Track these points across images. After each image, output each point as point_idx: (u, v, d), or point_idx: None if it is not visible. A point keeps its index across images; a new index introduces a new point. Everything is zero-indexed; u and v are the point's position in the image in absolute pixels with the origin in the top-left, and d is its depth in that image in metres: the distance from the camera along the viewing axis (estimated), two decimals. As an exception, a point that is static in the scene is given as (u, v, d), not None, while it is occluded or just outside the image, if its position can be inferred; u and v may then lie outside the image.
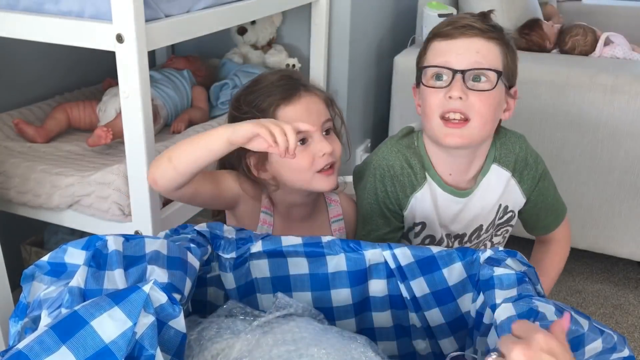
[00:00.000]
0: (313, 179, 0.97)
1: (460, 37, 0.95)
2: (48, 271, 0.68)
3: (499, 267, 0.72)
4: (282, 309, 0.75)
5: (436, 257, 0.78)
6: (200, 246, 0.74)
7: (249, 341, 0.68)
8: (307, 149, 0.96)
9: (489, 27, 0.96)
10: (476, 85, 0.94)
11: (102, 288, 0.62)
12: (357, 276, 0.80)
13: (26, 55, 1.60)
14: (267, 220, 1.05)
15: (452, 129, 0.95)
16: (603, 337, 0.65)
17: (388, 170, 1.04)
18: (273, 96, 0.97)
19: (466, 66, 0.93)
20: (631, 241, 1.82)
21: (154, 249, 0.67)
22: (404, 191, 1.04)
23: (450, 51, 0.95)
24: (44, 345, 0.54)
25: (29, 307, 0.66)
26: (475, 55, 0.94)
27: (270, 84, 0.99)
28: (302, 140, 0.96)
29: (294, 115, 0.95)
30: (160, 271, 0.64)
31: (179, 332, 0.60)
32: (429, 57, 0.99)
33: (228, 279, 0.80)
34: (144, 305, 0.57)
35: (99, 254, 0.64)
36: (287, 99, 0.96)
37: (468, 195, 1.05)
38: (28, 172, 1.28)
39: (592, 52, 2.04)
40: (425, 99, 0.98)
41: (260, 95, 0.98)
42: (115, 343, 0.54)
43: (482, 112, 0.94)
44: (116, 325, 0.55)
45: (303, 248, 0.79)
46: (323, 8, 1.80)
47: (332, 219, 1.11)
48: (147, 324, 0.56)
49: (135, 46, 1.05)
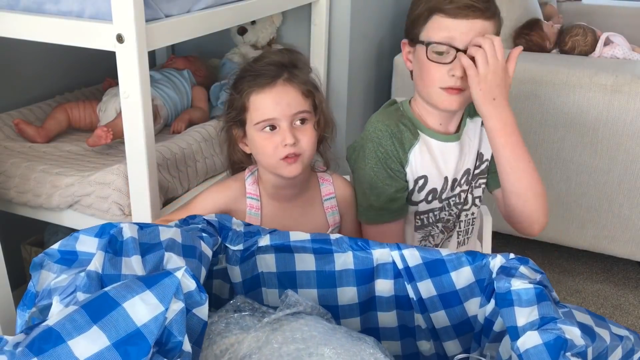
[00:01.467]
0: (277, 165, 1.03)
1: (463, 18, 1.01)
2: (58, 259, 0.67)
3: (514, 277, 0.71)
4: (291, 307, 0.75)
5: (445, 260, 0.77)
6: (211, 236, 0.74)
7: (258, 338, 0.68)
8: (273, 137, 1.02)
9: (487, 5, 1.04)
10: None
11: (120, 273, 0.61)
12: (364, 275, 0.80)
13: (26, 55, 1.60)
14: (254, 204, 1.09)
15: (450, 95, 1.05)
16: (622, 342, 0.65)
17: (384, 131, 1.10)
18: (252, 81, 1.03)
19: (466, 45, 1.02)
20: (631, 241, 1.82)
21: (169, 236, 0.66)
22: (402, 148, 1.10)
23: (455, 29, 1.02)
24: (75, 323, 0.53)
25: (38, 295, 0.65)
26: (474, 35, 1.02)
27: (260, 66, 1.04)
28: (271, 127, 1.02)
29: (263, 104, 1.02)
30: (177, 259, 0.64)
31: (202, 320, 0.60)
32: (431, 31, 1.04)
33: (235, 272, 0.80)
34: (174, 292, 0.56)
35: (114, 241, 0.64)
36: (262, 87, 1.02)
37: (458, 139, 1.13)
38: (28, 172, 1.28)
39: (592, 52, 2.05)
40: (426, 70, 1.05)
41: (245, 76, 1.04)
42: (147, 326, 0.53)
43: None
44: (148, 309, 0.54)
45: (311, 244, 0.79)
46: (323, 8, 1.80)
47: (324, 197, 1.14)
48: (177, 310, 0.56)
49: (135, 46, 1.05)
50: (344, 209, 1.14)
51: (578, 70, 1.74)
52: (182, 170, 1.36)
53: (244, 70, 1.06)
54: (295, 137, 1.01)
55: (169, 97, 1.58)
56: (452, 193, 1.16)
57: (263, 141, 1.02)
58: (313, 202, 1.13)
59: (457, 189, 1.16)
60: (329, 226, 1.13)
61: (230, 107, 1.07)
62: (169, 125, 1.57)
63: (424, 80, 1.07)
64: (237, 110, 1.05)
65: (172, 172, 1.33)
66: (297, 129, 1.02)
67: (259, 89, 1.02)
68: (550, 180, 1.84)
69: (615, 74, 1.70)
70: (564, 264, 2.03)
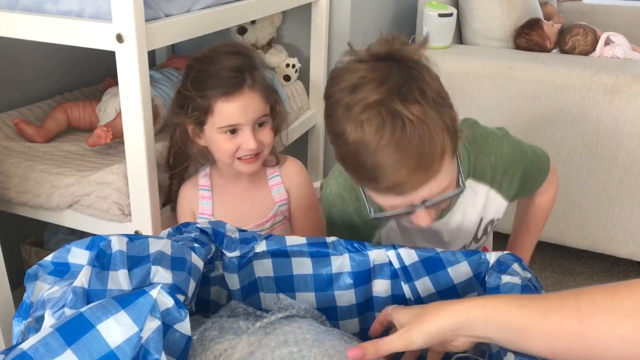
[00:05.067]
0: (234, 163, 1.11)
1: (407, 194, 0.76)
2: (52, 271, 0.67)
3: (505, 273, 0.72)
4: (284, 310, 0.75)
5: (441, 256, 0.78)
6: (203, 245, 0.74)
7: (251, 342, 0.68)
8: (234, 139, 1.08)
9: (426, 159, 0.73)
10: (436, 207, 0.82)
11: (106, 289, 0.61)
12: (361, 276, 0.80)
13: (26, 55, 1.60)
14: (206, 195, 1.18)
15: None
16: None
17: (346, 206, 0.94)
18: (217, 87, 1.05)
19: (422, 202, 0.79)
20: (631, 241, 1.82)
21: (158, 249, 0.66)
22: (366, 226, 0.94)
23: (404, 202, 0.78)
24: (48, 347, 0.53)
25: (32, 306, 0.65)
26: (430, 195, 0.78)
27: (220, 70, 1.06)
28: (232, 130, 1.07)
29: (230, 112, 1.06)
30: (164, 272, 0.64)
31: (184, 335, 0.60)
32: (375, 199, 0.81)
33: (233, 280, 0.80)
34: (150, 310, 0.57)
35: (102, 254, 0.64)
36: (228, 95, 1.05)
37: (443, 217, 0.94)
38: (28, 172, 1.28)
39: (592, 52, 2.04)
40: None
41: (207, 80, 1.06)
42: (120, 348, 0.54)
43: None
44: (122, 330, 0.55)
45: (307, 248, 0.79)
46: (323, 8, 1.80)
47: (269, 176, 1.20)
48: (153, 328, 0.56)
49: (135, 46, 1.05)
50: (289, 186, 1.21)
51: (578, 70, 1.74)
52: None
53: (201, 71, 1.07)
54: (257, 140, 1.08)
55: (169, 97, 1.57)
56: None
57: (224, 142, 1.08)
58: (260, 183, 1.20)
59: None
60: (275, 203, 1.20)
61: (190, 106, 1.08)
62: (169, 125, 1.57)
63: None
64: (200, 113, 1.08)
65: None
66: (257, 131, 1.10)
67: (225, 96, 1.05)
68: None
69: (616, 73, 1.69)
70: (564, 264, 2.03)
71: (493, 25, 2.06)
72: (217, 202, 1.18)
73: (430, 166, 0.74)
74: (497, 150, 0.96)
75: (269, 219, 1.19)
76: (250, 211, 1.19)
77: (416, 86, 0.73)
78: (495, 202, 0.99)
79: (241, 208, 1.19)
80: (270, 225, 1.20)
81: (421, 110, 0.72)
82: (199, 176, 1.21)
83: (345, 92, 0.75)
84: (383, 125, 0.71)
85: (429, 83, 0.74)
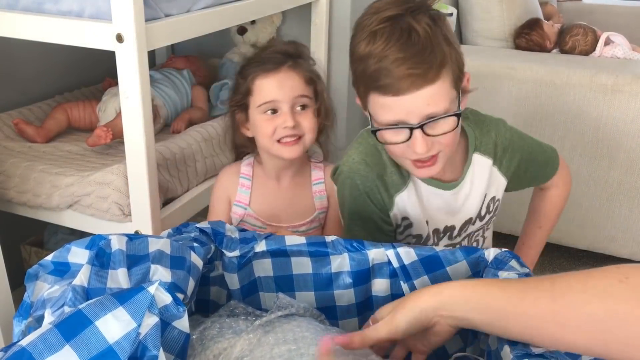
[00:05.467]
0: (273, 146, 1.08)
1: (405, 94, 0.83)
2: (52, 270, 0.68)
3: (502, 270, 0.72)
4: (284, 309, 0.75)
5: (440, 255, 0.78)
6: (203, 245, 0.74)
7: (250, 340, 0.68)
8: (273, 119, 1.06)
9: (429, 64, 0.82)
10: (435, 128, 0.87)
11: (105, 287, 0.62)
12: (360, 276, 0.80)
13: (26, 55, 1.60)
14: (245, 183, 1.16)
15: (422, 168, 0.92)
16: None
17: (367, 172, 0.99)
18: (256, 66, 1.07)
19: (420, 120, 0.85)
20: (631, 241, 1.82)
21: (157, 248, 0.67)
22: (387, 192, 1.00)
23: (400, 108, 0.85)
24: (47, 343, 0.54)
25: (33, 306, 0.66)
26: (426, 107, 0.84)
27: (266, 54, 1.09)
28: (272, 110, 1.06)
29: (266, 87, 1.06)
30: (163, 271, 0.64)
31: (183, 332, 0.60)
32: (375, 110, 0.88)
33: (232, 279, 0.80)
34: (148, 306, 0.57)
35: (102, 253, 0.64)
36: (266, 72, 1.06)
37: (456, 186, 1.01)
38: (28, 172, 1.28)
39: (592, 52, 2.04)
40: (388, 146, 0.92)
41: (251, 63, 1.09)
42: (119, 344, 0.54)
43: (448, 145, 0.90)
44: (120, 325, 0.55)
45: (307, 247, 0.79)
46: (323, 8, 1.80)
47: (314, 182, 1.18)
48: (151, 324, 0.56)
49: (135, 46, 1.05)
50: (330, 195, 1.18)
51: (578, 70, 1.74)
52: (182, 170, 1.36)
53: (250, 59, 1.12)
54: (296, 120, 1.06)
55: (169, 97, 1.57)
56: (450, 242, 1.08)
57: (264, 122, 1.06)
58: (303, 185, 1.17)
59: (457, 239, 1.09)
60: (316, 209, 1.17)
61: (235, 91, 1.11)
62: (168, 125, 1.57)
63: (392, 153, 0.94)
64: (242, 95, 1.09)
65: (172, 172, 1.33)
66: (298, 114, 1.07)
67: (264, 73, 1.06)
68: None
69: (616, 73, 1.69)
70: (564, 264, 2.03)
71: (493, 25, 2.06)
72: (255, 193, 1.16)
73: (428, 70, 0.82)
74: (496, 129, 1.04)
75: (306, 222, 1.16)
76: (287, 210, 1.16)
77: (430, 15, 0.85)
78: (496, 179, 1.05)
79: (279, 205, 1.15)
80: (305, 229, 1.17)
81: (430, 29, 0.83)
82: (242, 164, 1.18)
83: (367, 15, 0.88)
84: (392, 33, 0.83)
85: (443, 20, 0.87)
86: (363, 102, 0.92)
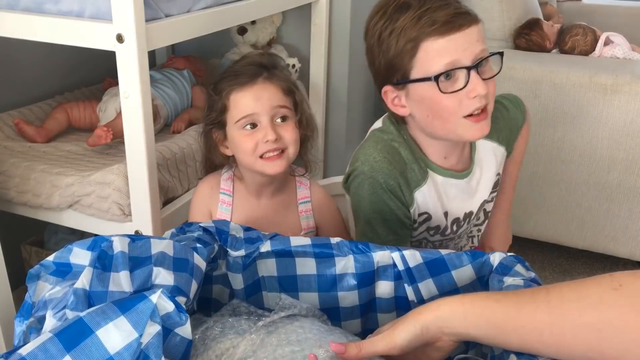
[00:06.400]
0: (256, 163, 1.02)
1: (457, 31, 0.88)
2: (53, 271, 0.67)
3: (507, 275, 0.72)
4: (287, 310, 0.75)
5: (445, 259, 0.77)
6: (206, 245, 0.74)
7: (253, 341, 0.67)
8: (253, 134, 1.01)
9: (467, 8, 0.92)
10: (485, 71, 0.92)
11: (107, 290, 0.61)
12: (364, 278, 0.80)
13: (26, 55, 1.60)
14: (226, 200, 1.10)
15: (477, 122, 0.92)
16: None
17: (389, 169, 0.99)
18: (231, 80, 1.02)
19: (475, 59, 0.90)
20: (631, 241, 1.82)
21: (160, 250, 0.66)
22: (408, 187, 1.00)
23: (455, 48, 0.89)
24: (47, 353, 0.53)
25: (34, 306, 0.65)
26: (477, 44, 0.90)
27: (239, 67, 1.04)
28: (251, 124, 1.01)
29: (243, 101, 1.01)
30: (166, 273, 0.63)
31: (185, 338, 0.60)
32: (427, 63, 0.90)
33: (236, 279, 0.80)
34: (150, 315, 0.56)
35: (104, 255, 0.64)
36: (241, 85, 1.01)
37: (469, 175, 1.05)
38: (28, 172, 1.28)
39: (592, 52, 2.04)
40: (440, 105, 0.92)
41: (224, 78, 1.04)
42: (119, 354, 0.54)
43: (493, 95, 0.95)
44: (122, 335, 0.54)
45: (312, 249, 0.79)
46: (323, 8, 1.80)
47: (300, 200, 1.13)
48: (153, 333, 0.56)
49: (135, 46, 1.05)
50: (319, 216, 1.13)
51: (578, 70, 1.74)
52: (182, 170, 1.36)
53: (222, 74, 1.06)
54: (277, 133, 1.01)
55: (169, 97, 1.58)
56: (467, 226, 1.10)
57: (243, 138, 1.01)
58: (288, 203, 1.12)
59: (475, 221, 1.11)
60: (302, 229, 1.12)
61: (210, 109, 1.05)
62: (169, 125, 1.57)
63: (442, 117, 0.93)
64: (217, 112, 1.03)
65: (172, 172, 1.33)
66: (278, 126, 1.02)
67: (239, 87, 1.01)
68: (550, 180, 1.84)
69: (615, 73, 1.70)
70: (564, 264, 2.03)
71: (493, 26, 2.06)
72: (237, 212, 1.10)
73: (470, 12, 0.91)
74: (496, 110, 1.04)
75: None
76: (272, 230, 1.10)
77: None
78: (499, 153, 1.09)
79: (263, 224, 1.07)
80: None
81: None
82: (222, 177, 1.12)
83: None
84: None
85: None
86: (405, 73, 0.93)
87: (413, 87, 0.93)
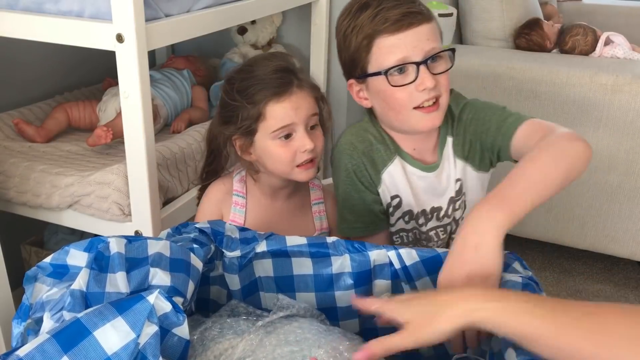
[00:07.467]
0: (292, 172, 1.03)
1: (407, 29, 0.94)
2: (50, 272, 0.67)
3: (505, 272, 0.72)
4: (285, 310, 0.75)
5: (442, 257, 0.77)
6: (203, 245, 0.74)
7: (252, 341, 0.67)
8: (289, 144, 1.01)
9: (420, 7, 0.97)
10: (437, 66, 0.97)
11: (104, 292, 0.61)
12: (361, 277, 0.80)
13: (26, 55, 1.60)
14: (239, 202, 1.10)
15: (428, 114, 0.97)
16: None
17: (355, 147, 1.05)
18: (265, 90, 1.00)
19: (424, 55, 0.95)
20: (631, 241, 1.82)
21: (157, 250, 0.66)
22: (374, 167, 1.05)
23: (404, 45, 0.94)
24: (45, 354, 0.53)
25: (32, 308, 0.65)
26: (427, 42, 0.95)
27: (265, 74, 1.02)
28: (286, 135, 1.01)
29: (283, 112, 1.00)
30: (162, 274, 0.63)
31: (183, 339, 0.60)
32: (380, 58, 0.96)
33: (233, 280, 0.80)
34: (147, 316, 0.56)
35: (101, 257, 0.64)
36: (279, 95, 1.00)
37: (436, 169, 1.06)
38: (28, 172, 1.28)
39: (592, 52, 2.04)
40: (391, 97, 0.98)
41: (254, 86, 1.01)
42: (117, 355, 0.54)
43: (447, 87, 0.99)
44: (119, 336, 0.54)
45: (308, 248, 0.79)
46: (323, 8, 1.80)
47: (313, 202, 1.14)
48: (150, 333, 0.56)
49: (135, 46, 1.05)
50: (333, 217, 1.14)
51: (578, 70, 1.74)
52: (182, 170, 1.36)
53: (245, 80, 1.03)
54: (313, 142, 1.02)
55: (169, 97, 1.58)
56: (439, 223, 1.10)
57: (279, 148, 1.01)
58: (302, 205, 1.13)
59: (446, 219, 1.11)
60: (316, 230, 1.13)
61: (243, 118, 1.02)
62: (169, 125, 1.57)
63: (394, 108, 0.99)
64: (251, 120, 1.01)
65: (172, 172, 1.33)
66: (310, 134, 1.03)
67: (277, 97, 1.00)
68: (550, 180, 1.84)
69: (616, 73, 1.69)
70: (564, 264, 2.03)
71: (493, 26, 2.06)
72: (251, 213, 1.10)
73: (423, 11, 0.96)
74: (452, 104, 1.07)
75: None
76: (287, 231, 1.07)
77: None
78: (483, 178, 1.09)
79: (277, 225, 1.09)
80: None
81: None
82: (234, 179, 1.11)
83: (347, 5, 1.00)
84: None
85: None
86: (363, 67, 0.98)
87: (371, 81, 1.00)
